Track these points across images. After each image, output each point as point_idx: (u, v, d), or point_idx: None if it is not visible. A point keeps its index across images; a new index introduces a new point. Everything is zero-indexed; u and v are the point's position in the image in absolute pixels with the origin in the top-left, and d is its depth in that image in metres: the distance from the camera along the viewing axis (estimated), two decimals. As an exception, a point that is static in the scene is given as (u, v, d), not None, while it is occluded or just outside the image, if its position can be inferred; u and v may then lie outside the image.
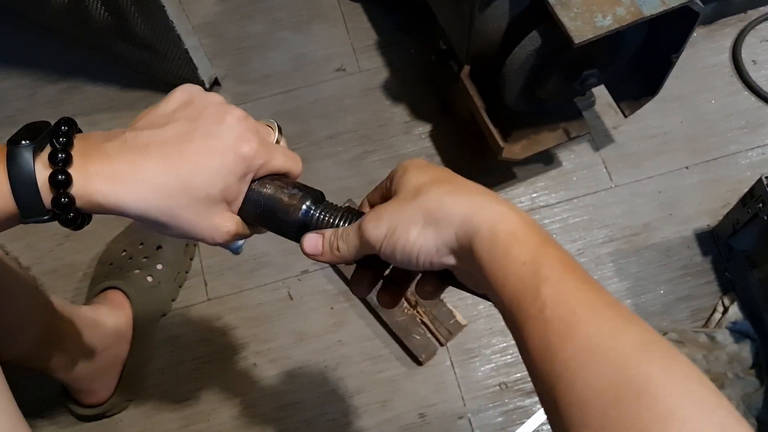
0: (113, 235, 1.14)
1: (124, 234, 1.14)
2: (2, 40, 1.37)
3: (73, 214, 0.46)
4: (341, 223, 0.54)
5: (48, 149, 0.45)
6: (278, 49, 1.33)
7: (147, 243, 1.11)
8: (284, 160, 0.54)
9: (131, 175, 0.47)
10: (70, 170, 0.45)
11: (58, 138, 0.46)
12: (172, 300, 1.13)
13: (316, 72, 1.30)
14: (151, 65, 1.26)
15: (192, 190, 0.48)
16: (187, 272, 1.15)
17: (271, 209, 0.54)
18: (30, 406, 1.05)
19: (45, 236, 1.17)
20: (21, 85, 1.32)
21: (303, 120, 1.26)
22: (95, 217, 0.50)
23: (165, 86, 1.29)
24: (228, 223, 0.52)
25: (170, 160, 0.48)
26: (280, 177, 0.55)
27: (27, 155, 0.44)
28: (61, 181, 0.44)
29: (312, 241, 0.53)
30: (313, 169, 1.21)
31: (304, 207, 0.54)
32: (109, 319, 1.02)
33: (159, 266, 1.11)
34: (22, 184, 0.44)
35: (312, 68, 1.31)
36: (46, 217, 0.45)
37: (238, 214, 0.53)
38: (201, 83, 1.23)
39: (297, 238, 0.55)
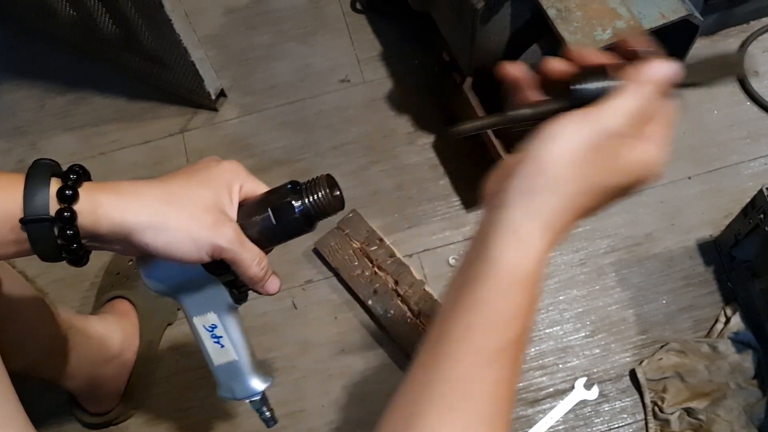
0: (120, 244, 1.16)
1: (130, 244, 1.15)
2: (12, 52, 1.39)
3: (73, 231, 0.50)
4: (324, 191, 0.57)
5: (61, 180, 0.51)
6: (283, 60, 1.35)
7: (153, 253, 1.12)
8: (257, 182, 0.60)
9: (134, 190, 0.52)
10: (79, 189, 0.50)
11: (72, 168, 0.53)
12: (178, 309, 1.14)
13: (320, 83, 1.32)
14: (158, 77, 1.27)
15: (190, 197, 0.54)
16: (192, 281, 1.16)
17: (269, 217, 0.57)
18: (37, 414, 1.06)
19: (53, 245, 1.19)
20: (30, 96, 1.34)
21: (307, 131, 1.27)
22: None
23: (172, 97, 1.31)
24: (226, 227, 0.55)
25: (169, 185, 0.54)
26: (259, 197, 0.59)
27: (46, 171, 0.51)
28: (68, 196, 0.49)
29: None
30: (318, 179, 1.22)
31: (295, 203, 0.57)
32: (115, 328, 1.03)
33: (165, 276, 1.12)
34: (34, 191, 0.50)
35: (317, 79, 1.32)
36: (46, 224, 0.50)
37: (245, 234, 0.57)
38: (207, 94, 1.24)
39: (308, 227, 0.58)
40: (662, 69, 0.44)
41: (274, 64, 1.34)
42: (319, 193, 0.57)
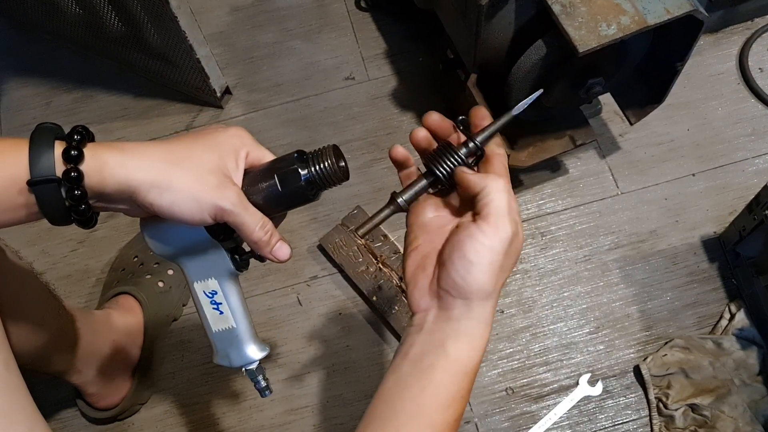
0: (126, 241, 1.16)
1: (136, 240, 1.15)
2: (20, 50, 1.40)
3: (80, 192, 0.51)
4: (330, 161, 0.60)
5: (65, 142, 0.52)
6: (288, 58, 1.35)
7: (159, 249, 1.13)
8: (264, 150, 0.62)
9: (139, 150, 0.53)
10: (84, 149, 0.51)
11: (76, 129, 0.53)
12: (183, 305, 1.14)
13: (325, 80, 1.32)
14: (163, 74, 1.28)
15: (194, 159, 0.55)
16: (198, 278, 1.16)
17: (274, 184, 0.59)
18: (43, 409, 1.05)
19: (60, 242, 1.20)
20: (37, 94, 1.35)
21: (312, 128, 1.27)
22: (107, 223, 0.52)
23: (177, 95, 1.31)
24: (229, 190, 0.56)
25: (174, 146, 0.55)
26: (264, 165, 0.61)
27: (49, 134, 0.51)
28: (73, 156, 0.50)
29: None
30: (323, 176, 1.23)
31: (301, 170, 0.59)
32: (120, 323, 1.04)
33: (170, 271, 1.12)
34: (39, 153, 0.50)
35: (321, 77, 1.33)
36: (53, 185, 0.50)
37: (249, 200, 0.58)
38: (212, 92, 1.25)
39: (312, 196, 0.60)
40: (500, 155, 0.57)
41: (279, 61, 1.35)
42: (325, 163, 0.59)
